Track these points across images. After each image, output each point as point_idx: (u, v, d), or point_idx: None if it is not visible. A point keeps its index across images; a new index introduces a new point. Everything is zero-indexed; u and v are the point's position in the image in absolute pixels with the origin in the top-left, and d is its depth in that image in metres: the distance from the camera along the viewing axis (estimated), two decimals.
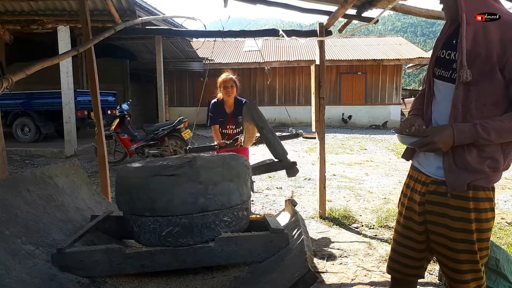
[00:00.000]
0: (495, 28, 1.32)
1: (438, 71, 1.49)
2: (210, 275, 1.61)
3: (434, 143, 1.34)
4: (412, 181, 1.61)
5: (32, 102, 9.90)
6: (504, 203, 4.60)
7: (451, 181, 1.41)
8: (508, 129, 1.31)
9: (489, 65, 1.32)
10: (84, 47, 2.96)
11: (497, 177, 1.43)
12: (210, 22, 10.96)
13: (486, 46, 1.32)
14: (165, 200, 1.52)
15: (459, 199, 1.41)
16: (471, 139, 1.32)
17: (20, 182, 1.76)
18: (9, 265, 1.35)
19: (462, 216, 1.41)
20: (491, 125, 1.30)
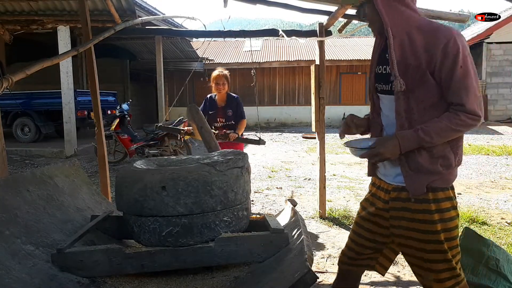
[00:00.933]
0: (419, 37, 1.42)
1: (379, 86, 1.57)
2: (210, 275, 1.61)
3: (381, 154, 1.42)
4: (374, 188, 1.68)
5: (32, 102, 9.89)
6: (504, 203, 4.60)
7: (410, 186, 1.47)
8: (446, 129, 1.38)
9: (420, 72, 1.41)
10: (84, 47, 2.96)
11: (452, 175, 1.49)
12: (210, 22, 10.95)
13: (414, 55, 1.41)
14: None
15: (421, 202, 1.47)
16: (415, 144, 1.40)
17: (20, 182, 1.76)
18: (9, 265, 1.35)
19: (427, 219, 1.46)
20: (430, 128, 1.38)
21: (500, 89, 15.44)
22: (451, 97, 1.39)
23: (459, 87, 1.37)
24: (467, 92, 1.37)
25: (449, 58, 1.36)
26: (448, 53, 1.36)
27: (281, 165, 7.24)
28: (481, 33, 15.25)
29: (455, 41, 1.37)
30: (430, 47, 1.38)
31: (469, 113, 1.37)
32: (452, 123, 1.37)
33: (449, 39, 1.36)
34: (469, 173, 6.38)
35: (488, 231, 3.57)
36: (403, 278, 2.70)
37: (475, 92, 1.39)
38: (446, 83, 1.39)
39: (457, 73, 1.36)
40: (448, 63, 1.36)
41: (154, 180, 1.53)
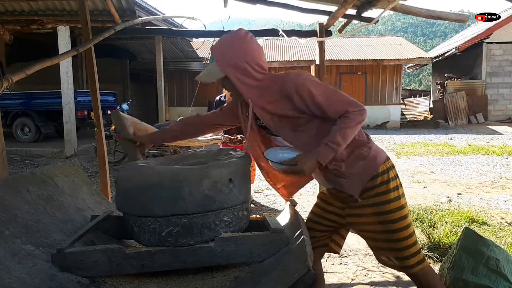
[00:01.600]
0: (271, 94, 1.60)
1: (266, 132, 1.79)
2: (210, 275, 1.61)
3: (303, 171, 1.52)
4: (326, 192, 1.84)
5: (32, 102, 9.90)
6: (504, 203, 4.60)
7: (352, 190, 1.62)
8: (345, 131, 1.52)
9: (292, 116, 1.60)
10: (84, 47, 2.96)
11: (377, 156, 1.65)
12: (210, 22, 10.95)
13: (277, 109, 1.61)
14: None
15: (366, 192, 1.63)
16: (331, 154, 1.52)
17: (20, 182, 1.76)
18: (9, 265, 1.35)
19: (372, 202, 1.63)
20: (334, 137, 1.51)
21: (500, 89, 15.45)
22: (334, 115, 1.56)
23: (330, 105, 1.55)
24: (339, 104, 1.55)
25: (305, 96, 1.54)
26: (302, 94, 1.54)
27: None
28: (481, 33, 15.25)
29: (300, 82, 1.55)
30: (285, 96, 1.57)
31: (355, 111, 1.53)
32: (346, 124, 1.52)
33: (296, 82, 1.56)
34: (469, 173, 6.38)
35: (488, 231, 3.57)
36: (403, 278, 2.70)
37: (342, 96, 1.57)
38: (320, 111, 1.56)
39: (320, 100, 1.54)
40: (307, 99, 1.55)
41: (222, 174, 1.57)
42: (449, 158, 7.86)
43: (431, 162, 7.46)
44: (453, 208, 4.25)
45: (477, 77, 15.70)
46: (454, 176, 6.27)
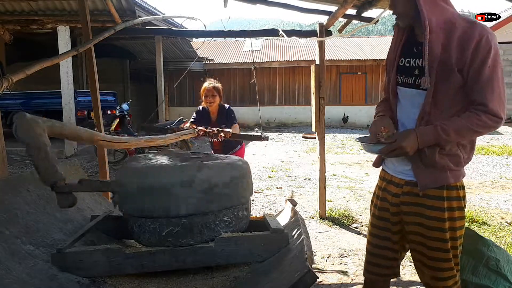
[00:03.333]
0: (453, 33, 1.38)
1: (401, 78, 1.55)
2: (210, 275, 1.60)
3: (402, 148, 1.38)
4: (384, 182, 1.65)
5: (32, 102, 9.90)
6: (504, 203, 4.60)
7: (421, 180, 1.47)
8: (465, 128, 1.37)
9: (448, 69, 1.39)
10: (84, 47, 2.96)
11: (462, 172, 1.51)
12: (210, 22, 10.94)
13: (446, 51, 1.39)
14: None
15: (434, 199, 1.47)
16: (432, 140, 1.39)
17: (20, 182, 1.76)
18: (9, 265, 1.35)
19: (436, 216, 1.47)
20: (449, 126, 1.37)
21: None
22: (475, 96, 1.37)
23: (484, 86, 1.35)
24: (492, 92, 1.35)
25: (479, 56, 1.34)
26: (479, 50, 1.34)
27: (281, 165, 7.24)
28: None
29: (487, 39, 1.34)
30: (463, 43, 1.36)
31: (491, 114, 1.35)
32: (472, 123, 1.36)
33: (482, 36, 1.34)
34: (469, 173, 6.38)
35: (488, 231, 3.57)
36: (403, 278, 2.70)
37: (500, 94, 1.37)
38: (472, 81, 1.37)
39: (485, 71, 1.34)
40: (478, 60, 1.34)
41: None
42: None
43: None
44: None
45: None
46: None
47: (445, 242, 1.47)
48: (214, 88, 3.46)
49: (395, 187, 1.57)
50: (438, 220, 1.46)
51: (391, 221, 1.59)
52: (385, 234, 1.62)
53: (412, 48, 1.51)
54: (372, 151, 1.53)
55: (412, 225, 1.52)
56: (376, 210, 1.66)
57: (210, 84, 3.49)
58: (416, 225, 1.51)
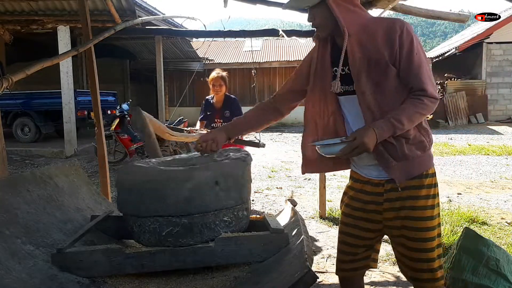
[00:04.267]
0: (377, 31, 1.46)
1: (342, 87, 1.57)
2: (210, 275, 1.60)
3: (364, 144, 1.38)
4: (358, 183, 1.66)
5: (32, 102, 9.90)
6: (504, 203, 4.60)
7: (397, 176, 1.50)
8: (414, 114, 1.43)
9: (383, 65, 1.45)
10: (84, 47, 2.96)
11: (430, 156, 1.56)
12: (210, 22, 10.94)
13: (375, 49, 1.45)
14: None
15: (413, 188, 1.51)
16: (389, 132, 1.42)
17: (20, 182, 1.76)
18: (9, 265, 1.35)
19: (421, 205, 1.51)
20: (401, 115, 1.41)
21: (500, 89, 15.44)
22: (412, 83, 1.45)
23: (418, 72, 1.43)
24: (425, 77, 1.44)
25: (406, 46, 1.43)
26: (403, 41, 1.43)
27: (281, 165, 7.24)
28: (481, 33, 15.24)
29: (408, 30, 1.44)
30: (389, 39, 1.44)
31: (430, 97, 1.44)
32: (418, 108, 1.43)
33: (402, 28, 1.43)
34: (469, 173, 6.38)
35: (488, 231, 3.57)
36: (403, 278, 2.69)
37: (431, 77, 1.47)
38: (406, 70, 1.44)
39: (414, 59, 1.43)
40: (405, 50, 1.43)
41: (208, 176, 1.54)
42: (449, 158, 7.86)
43: None
44: (453, 208, 4.25)
45: (477, 77, 15.69)
46: (454, 176, 6.27)
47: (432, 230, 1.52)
48: (221, 77, 3.77)
49: (375, 187, 1.59)
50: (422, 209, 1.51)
51: (367, 219, 1.62)
52: (357, 232, 1.65)
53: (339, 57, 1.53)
54: (332, 153, 1.50)
55: (396, 220, 1.55)
56: (347, 209, 1.69)
57: (217, 74, 3.79)
58: (400, 219, 1.54)
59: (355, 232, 1.65)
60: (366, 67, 1.46)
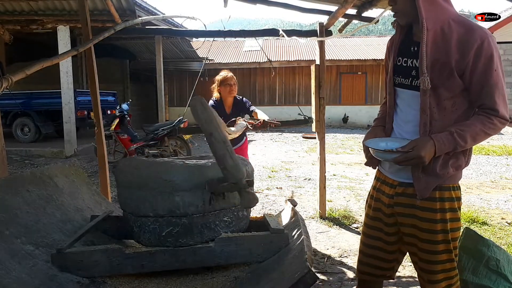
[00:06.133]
0: (452, 33, 1.36)
1: (397, 79, 1.51)
2: (210, 275, 1.60)
3: (420, 157, 1.32)
4: (378, 183, 1.64)
5: (32, 102, 9.89)
6: (504, 203, 4.60)
7: (420, 188, 1.43)
8: (480, 133, 1.35)
9: (447, 70, 1.36)
10: (84, 47, 2.96)
11: (460, 174, 1.49)
12: (210, 22, 10.94)
13: (445, 51, 1.36)
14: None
15: (426, 200, 1.44)
16: (449, 148, 1.34)
17: (20, 182, 1.76)
18: (9, 265, 1.35)
19: (428, 217, 1.44)
20: (466, 132, 1.33)
21: None
22: (483, 100, 1.35)
23: (493, 90, 1.34)
24: (499, 96, 1.35)
25: (483, 60, 1.32)
26: (481, 54, 1.32)
27: (281, 165, 7.24)
28: None
29: (489, 43, 1.33)
30: (463, 46, 1.33)
31: (501, 118, 1.36)
32: (486, 127, 1.34)
33: (483, 39, 1.32)
34: (469, 173, 6.38)
35: (488, 231, 3.57)
36: (403, 278, 2.70)
37: (505, 97, 1.37)
38: (479, 85, 1.35)
39: (492, 76, 1.33)
40: (482, 64, 1.33)
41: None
42: None
43: None
44: None
45: None
46: None
47: (436, 244, 1.45)
48: (234, 77, 3.40)
49: (389, 187, 1.56)
50: (430, 221, 1.44)
51: (384, 222, 1.58)
52: (377, 234, 1.60)
53: (409, 48, 1.47)
54: (385, 159, 1.45)
55: (406, 226, 1.51)
56: (370, 210, 1.65)
57: (228, 73, 3.40)
58: (409, 226, 1.49)
59: (374, 233, 1.61)
60: (430, 66, 1.37)
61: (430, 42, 1.37)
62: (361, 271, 1.67)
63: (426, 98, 1.39)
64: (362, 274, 1.67)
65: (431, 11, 1.36)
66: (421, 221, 1.46)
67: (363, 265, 1.66)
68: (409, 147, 1.34)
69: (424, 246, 1.47)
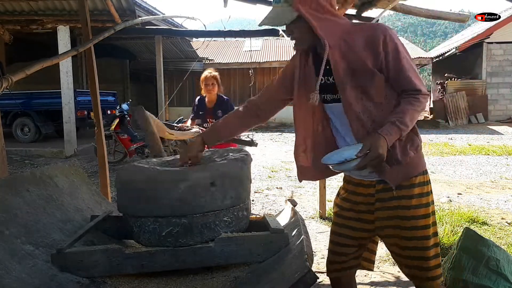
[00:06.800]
0: (355, 39, 1.45)
1: (326, 96, 1.58)
2: (210, 275, 1.60)
3: (380, 155, 1.34)
4: (351, 185, 1.67)
5: (32, 102, 9.90)
6: (504, 203, 4.60)
7: (391, 179, 1.50)
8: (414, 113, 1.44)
9: (368, 72, 1.45)
10: (84, 47, 2.96)
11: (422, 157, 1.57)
12: (210, 22, 10.94)
13: (356, 58, 1.45)
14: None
15: (403, 188, 1.52)
16: (396, 135, 1.41)
17: (20, 182, 1.76)
18: (9, 265, 1.35)
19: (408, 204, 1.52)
20: (404, 117, 1.41)
21: (500, 89, 15.43)
22: (404, 86, 1.46)
23: (409, 74, 1.45)
24: (416, 78, 1.46)
25: (392, 52, 1.44)
26: (388, 46, 1.43)
27: (281, 165, 7.24)
28: (481, 33, 15.24)
29: (390, 35, 1.44)
30: (371, 45, 1.43)
31: (424, 94, 1.46)
32: (415, 106, 1.44)
33: (385, 34, 1.43)
34: (469, 173, 6.38)
35: (488, 231, 3.57)
36: (403, 278, 2.70)
37: (418, 74, 1.49)
38: (396, 74, 1.45)
39: (404, 64, 1.44)
40: (392, 57, 1.44)
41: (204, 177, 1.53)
42: (449, 158, 7.85)
43: (431, 162, 7.45)
44: (453, 208, 4.25)
45: (477, 77, 15.69)
46: (454, 176, 6.27)
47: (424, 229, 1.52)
48: (213, 77, 3.76)
49: (366, 188, 1.60)
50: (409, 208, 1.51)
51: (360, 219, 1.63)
52: (349, 232, 1.66)
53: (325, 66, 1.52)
54: (347, 169, 1.50)
55: (388, 219, 1.55)
56: (340, 210, 1.71)
57: (210, 73, 3.78)
58: (392, 219, 1.54)
59: (345, 232, 1.67)
60: (350, 77, 1.46)
61: (339, 57, 1.46)
62: (332, 270, 1.73)
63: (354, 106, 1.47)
64: (333, 272, 1.73)
65: (328, 29, 1.46)
66: (408, 209, 1.52)
67: (334, 264, 1.72)
68: (365, 150, 1.36)
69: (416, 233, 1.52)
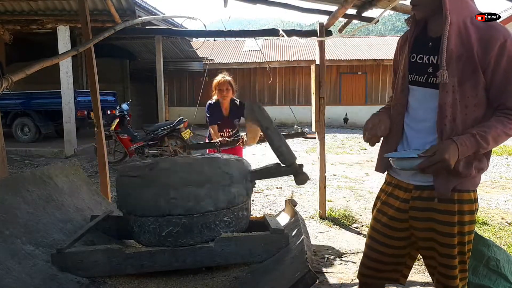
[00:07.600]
0: (474, 28, 1.32)
1: (411, 76, 1.46)
2: (210, 275, 1.60)
3: (445, 160, 1.24)
4: (390, 187, 1.58)
5: (32, 102, 9.89)
6: (504, 203, 4.60)
7: (439, 188, 1.38)
8: (501, 134, 1.30)
9: (472, 65, 1.31)
10: (84, 47, 2.96)
11: (479, 178, 1.45)
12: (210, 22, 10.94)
13: (469, 46, 1.31)
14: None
15: (445, 202, 1.40)
16: (472, 150, 1.29)
17: (20, 182, 1.76)
18: (9, 265, 1.35)
19: (447, 220, 1.41)
20: (488, 133, 1.29)
21: None
22: (503, 100, 1.31)
23: None
24: None
25: (506, 59, 1.28)
26: (504, 53, 1.28)
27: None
28: None
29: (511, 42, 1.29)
30: (486, 43, 1.29)
31: None
32: (507, 128, 1.29)
33: (506, 38, 1.28)
34: None
35: (488, 231, 3.57)
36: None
37: None
38: (500, 85, 1.30)
39: None
40: (505, 63, 1.29)
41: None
42: None
43: None
44: None
45: None
46: None
47: (453, 248, 1.42)
48: (228, 81, 3.54)
49: (403, 192, 1.51)
50: (448, 225, 1.41)
51: (392, 227, 1.54)
52: (383, 239, 1.57)
53: (425, 44, 1.41)
54: (407, 167, 1.38)
55: (422, 231, 1.47)
56: (377, 214, 1.61)
57: (223, 77, 3.56)
58: (426, 231, 1.45)
59: (380, 238, 1.57)
60: (455, 61, 1.31)
61: (454, 36, 1.31)
62: (364, 274, 1.65)
63: (445, 94, 1.33)
64: (365, 277, 1.65)
65: (456, 4, 1.31)
66: (439, 224, 1.41)
67: (367, 269, 1.63)
68: (431, 152, 1.28)
69: (443, 250, 1.43)
